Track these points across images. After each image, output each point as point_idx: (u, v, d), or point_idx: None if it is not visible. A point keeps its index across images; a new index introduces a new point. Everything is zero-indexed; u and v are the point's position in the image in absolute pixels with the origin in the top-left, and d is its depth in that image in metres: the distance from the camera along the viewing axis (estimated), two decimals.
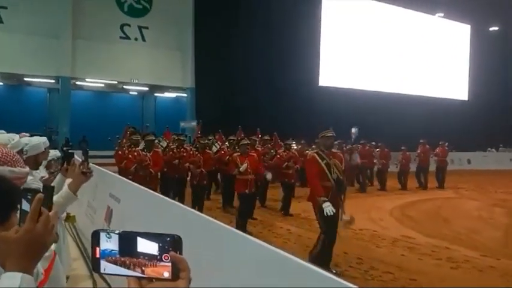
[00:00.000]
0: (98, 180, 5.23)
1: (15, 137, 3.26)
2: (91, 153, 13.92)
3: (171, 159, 8.66)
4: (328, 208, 4.87)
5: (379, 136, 14.21)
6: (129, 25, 18.04)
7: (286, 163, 9.40)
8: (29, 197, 1.11)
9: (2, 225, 1.33)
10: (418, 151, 14.49)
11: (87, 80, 18.10)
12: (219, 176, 10.88)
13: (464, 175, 18.12)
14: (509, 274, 5.34)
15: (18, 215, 1.56)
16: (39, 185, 2.99)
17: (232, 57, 18.21)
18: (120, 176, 5.78)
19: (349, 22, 22.78)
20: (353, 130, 15.30)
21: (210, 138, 11.43)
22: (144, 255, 0.81)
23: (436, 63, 25.60)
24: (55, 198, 2.14)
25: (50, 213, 1.86)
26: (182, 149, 8.99)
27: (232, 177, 9.13)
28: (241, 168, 7.16)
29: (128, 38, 18.05)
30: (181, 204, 2.94)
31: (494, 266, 5.66)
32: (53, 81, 17.57)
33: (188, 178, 8.80)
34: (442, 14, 26.00)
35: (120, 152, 9.53)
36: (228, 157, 9.19)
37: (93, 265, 0.84)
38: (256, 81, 18.52)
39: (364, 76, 22.89)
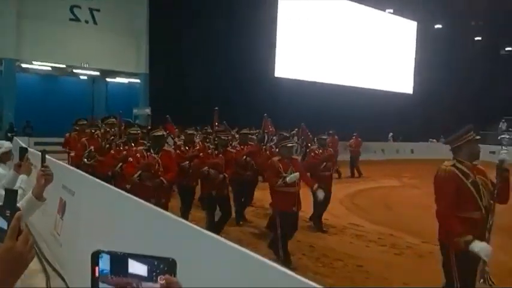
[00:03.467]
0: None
1: None
2: (37, 139, 13.08)
3: (179, 160, 6.52)
4: (484, 251, 3.10)
5: (329, 128, 14.61)
6: (80, 7, 17.18)
7: (324, 163, 7.21)
8: (7, 214, 1.12)
9: None
10: (351, 141, 15.25)
11: (33, 63, 17.15)
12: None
13: (407, 164, 19.20)
14: None
15: None
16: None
17: (186, 44, 17.94)
18: (73, 168, 5.55)
19: (304, 14, 23.07)
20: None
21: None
22: (136, 276, 0.85)
23: (385, 58, 26.63)
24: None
25: (15, 216, 1.87)
26: (197, 147, 6.98)
27: (248, 184, 7.51)
28: (288, 179, 5.27)
29: (78, 20, 17.19)
30: (144, 202, 2.89)
31: (433, 251, 6.14)
32: None
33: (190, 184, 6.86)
34: (391, 10, 27.04)
35: (74, 140, 8.32)
36: (245, 157, 7.29)
37: (92, 285, 0.89)
38: (211, 69, 18.36)
39: (317, 68, 23.39)
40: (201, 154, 6.37)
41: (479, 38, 29.48)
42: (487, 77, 27.88)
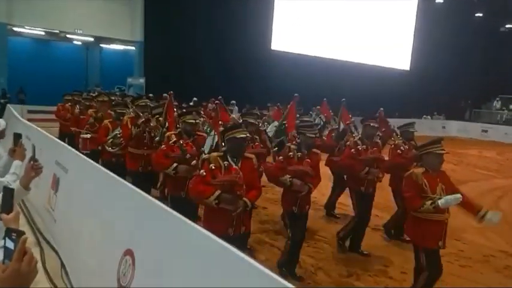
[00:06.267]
0: (43, 146, 5.03)
1: None
2: (30, 107, 13.02)
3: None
4: None
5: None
6: None
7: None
8: (13, 236, 1.26)
9: None
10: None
11: (25, 27, 16.81)
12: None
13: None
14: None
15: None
16: None
17: (182, 14, 17.56)
18: (67, 145, 5.47)
19: None
20: None
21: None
22: None
23: (383, 33, 26.20)
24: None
25: (11, 215, 1.97)
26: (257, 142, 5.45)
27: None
28: (442, 202, 3.60)
29: None
30: (137, 188, 2.96)
31: None
32: None
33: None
34: None
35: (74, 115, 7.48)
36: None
37: None
38: (207, 40, 18.11)
39: (313, 42, 23.10)
40: (280, 158, 4.53)
41: (480, 15, 29.09)
42: (486, 54, 27.74)
